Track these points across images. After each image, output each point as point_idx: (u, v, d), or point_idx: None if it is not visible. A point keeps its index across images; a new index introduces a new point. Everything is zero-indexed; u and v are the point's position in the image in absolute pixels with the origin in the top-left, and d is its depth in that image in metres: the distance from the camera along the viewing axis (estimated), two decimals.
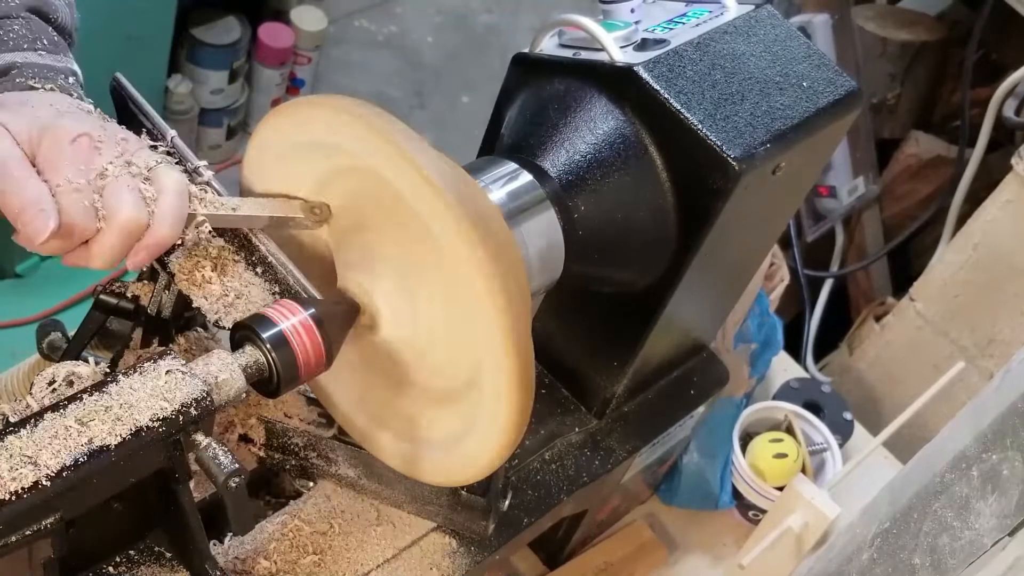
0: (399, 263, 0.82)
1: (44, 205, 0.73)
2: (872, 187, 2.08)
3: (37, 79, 0.84)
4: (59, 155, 0.76)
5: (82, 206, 0.75)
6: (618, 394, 1.08)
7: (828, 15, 1.93)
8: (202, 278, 0.84)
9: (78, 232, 0.75)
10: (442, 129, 2.95)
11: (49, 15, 0.91)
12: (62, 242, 0.75)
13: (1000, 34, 2.01)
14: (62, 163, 0.75)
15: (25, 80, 0.84)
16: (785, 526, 1.21)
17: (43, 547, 0.72)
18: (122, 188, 0.76)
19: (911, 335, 1.82)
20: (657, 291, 0.97)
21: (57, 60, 0.87)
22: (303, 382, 0.82)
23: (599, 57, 0.93)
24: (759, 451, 1.32)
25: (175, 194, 0.78)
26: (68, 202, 0.74)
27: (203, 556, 0.83)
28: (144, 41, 2.30)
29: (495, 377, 0.78)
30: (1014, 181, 1.60)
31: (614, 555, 1.28)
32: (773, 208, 1.03)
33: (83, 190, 0.75)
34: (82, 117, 0.80)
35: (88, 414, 0.70)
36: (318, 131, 0.81)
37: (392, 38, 3.14)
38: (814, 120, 0.94)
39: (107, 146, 0.78)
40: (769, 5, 0.99)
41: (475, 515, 0.95)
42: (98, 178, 0.76)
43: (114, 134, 0.80)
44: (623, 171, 0.91)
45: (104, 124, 0.80)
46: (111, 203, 0.75)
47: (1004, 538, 0.71)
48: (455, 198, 0.74)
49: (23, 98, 0.81)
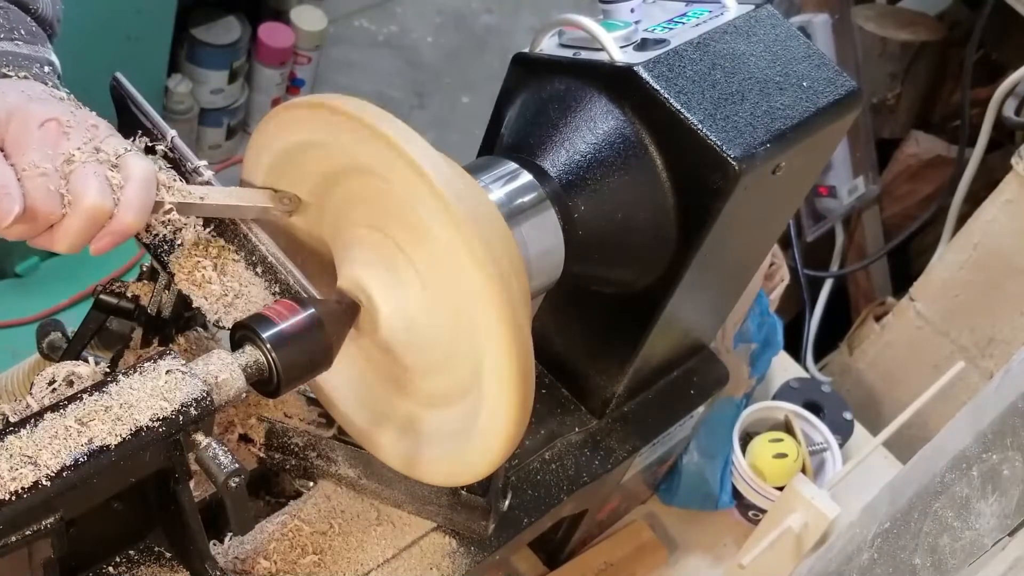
0: (399, 263, 0.82)
1: (9, 189, 0.73)
2: (872, 187, 2.08)
3: (11, 67, 0.84)
4: (26, 139, 0.75)
5: (47, 190, 0.74)
6: (618, 394, 1.08)
7: (828, 15, 1.93)
8: (202, 278, 0.84)
9: (42, 216, 0.75)
10: (442, 129, 2.95)
11: (28, 5, 0.90)
12: (27, 226, 0.75)
13: (1000, 34, 2.01)
14: (29, 147, 0.75)
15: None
16: (785, 526, 1.21)
17: (43, 547, 0.72)
18: (88, 174, 0.75)
19: (911, 335, 1.82)
20: (657, 291, 0.97)
21: (34, 50, 0.87)
22: (303, 382, 0.82)
23: (599, 57, 0.93)
24: (759, 451, 1.32)
25: (142, 181, 0.77)
26: (33, 186, 0.74)
27: (203, 556, 0.83)
28: (144, 41, 2.30)
29: (495, 377, 0.78)
30: (1014, 181, 1.60)
31: (614, 555, 1.28)
32: (773, 208, 1.03)
33: (49, 174, 0.74)
34: (52, 103, 0.80)
35: (88, 414, 0.70)
36: (318, 131, 0.81)
37: (392, 38, 3.14)
38: (814, 120, 0.94)
39: (75, 132, 0.77)
40: (769, 5, 0.99)
41: (475, 515, 0.95)
42: (65, 163, 0.76)
43: (84, 120, 0.79)
44: (623, 171, 0.91)
45: (74, 110, 0.80)
46: (77, 188, 0.75)
47: (1004, 538, 0.71)
48: (455, 198, 0.74)
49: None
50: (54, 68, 0.88)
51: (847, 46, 1.95)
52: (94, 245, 0.77)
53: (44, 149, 0.75)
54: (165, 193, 0.80)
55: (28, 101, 0.78)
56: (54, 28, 0.94)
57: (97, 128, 0.80)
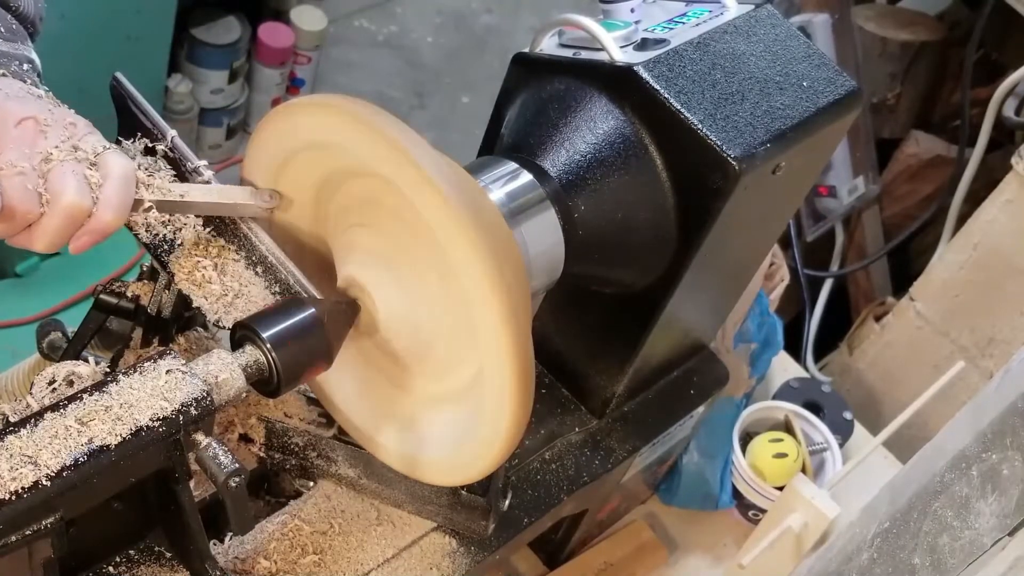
0: (399, 263, 0.82)
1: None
2: (872, 187, 2.08)
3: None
4: (3, 137, 0.75)
5: (25, 189, 0.74)
6: (618, 394, 1.08)
7: (828, 15, 1.93)
8: (202, 278, 0.84)
9: (20, 215, 0.74)
10: (442, 129, 2.95)
11: (9, 3, 0.90)
12: (5, 225, 0.75)
13: (1000, 34, 2.01)
14: (6, 146, 0.75)
15: None
16: (785, 526, 1.21)
17: (43, 547, 0.72)
18: (66, 172, 0.75)
19: (911, 335, 1.82)
20: (657, 291, 0.97)
21: (13, 48, 0.87)
22: (303, 382, 0.82)
23: (599, 57, 0.93)
24: (759, 451, 1.32)
25: (121, 179, 0.77)
26: (10, 185, 0.74)
27: (203, 556, 0.83)
28: (144, 41, 2.30)
29: (495, 377, 0.78)
30: (1014, 181, 1.60)
31: (614, 555, 1.28)
32: (773, 208, 1.03)
33: (27, 173, 0.74)
34: (30, 101, 0.79)
35: (88, 414, 0.70)
36: (318, 132, 0.81)
37: (392, 38, 3.14)
38: (814, 120, 0.94)
39: (53, 130, 0.77)
40: (769, 5, 0.99)
41: (475, 515, 0.95)
42: (43, 162, 0.75)
43: (62, 118, 0.79)
44: (623, 171, 0.91)
45: (52, 108, 0.80)
46: (55, 187, 0.75)
47: (1004, 538, 0.71)
48: (455, 198, 0.74)
49: None
50: (33, 66, 0.88)
51: (847, 46, 1.95)
52: (73, 244, 0.77)
53: (21, 148, 0.75)
54: (144, 191, 0.80)
55: (5, 99, 0.78)
56: (36, 26, 0.94)
57: (75, 126, 0.79)
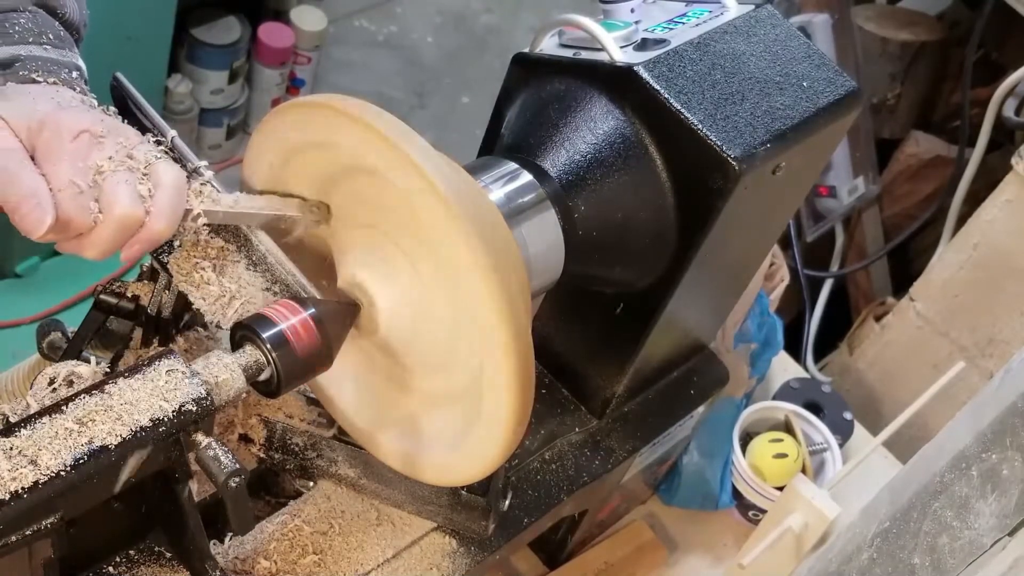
0: (399, 263, 0.82)
1: (40, 199, 0.74)
2: (872, 187, 2.08)
3: (40, 72, 0.84)
4: (58, 149, 0.76)
5: (78, 200, 0.75)
6: (618, 394, 1.08)
7: (828, 15, 1.93)
8: (201, 279, 0.84)
9: (74, 226, 0.76)
10: (442, 129, 2.95)
11: (57, 10, 0.91)
12: (59, 235, 0.76)
13: (1000, 34, 2.01)
14: (61, 157, 0.76)
15: (28, 73, 0.84)
16: (785, 526, 1.21)
17: (43, 547, 0.72)
18: (119, 182, 0.76)
19: (911, 335, 1.82)
20: (657, 291, 0.97)
21: (62, 55, 0.87)
22: (303, 382, 0.82)
23: (599, 57, 0.93)
24: (759, 451, 1.32)
25: (172, 189, 0.78)
26: (65, 196, 0.75)
27: (203, 556, 0.83)
28: (144, 41, 2.30)
29: (495, 377, 0.78)
30: (1014, 181, 1.60)
31: (614, 555, 1.28)
32: (773, 208, 1.03)
33: (81, 184, 0.75)
34: (83, 111, 0.80)
35: (88, 414, 0.70)
36: (318, 132, 0.81)
37: (392, 38, 3.14)
38: (814, 120, 0.94)
39: (107, 141, 0.78)
40: (769, 5, 0.99)
41: (475, 515, 0.95)
42: (96, 173, 0.76)
43: (115, 129, 0.80)
44: (623, 171, 0.91)
45: (104, 119, 0.80)
46: (108, 198, 0.76)
47: (1004, 538, 0.71)
48: (455, 198, 0.74)
49: (24, 90, 0.82)
50: (81, 73, 0.88)
51: (847, 46, 1.95)
52: (125, 252, 0.78)
53: (76, 159, 0.76)
54: (195, 200, 0.81)
55: (59, 109, 0.79)
56: (80, 32, 0.95)
57: (127, 136, 0.80)
